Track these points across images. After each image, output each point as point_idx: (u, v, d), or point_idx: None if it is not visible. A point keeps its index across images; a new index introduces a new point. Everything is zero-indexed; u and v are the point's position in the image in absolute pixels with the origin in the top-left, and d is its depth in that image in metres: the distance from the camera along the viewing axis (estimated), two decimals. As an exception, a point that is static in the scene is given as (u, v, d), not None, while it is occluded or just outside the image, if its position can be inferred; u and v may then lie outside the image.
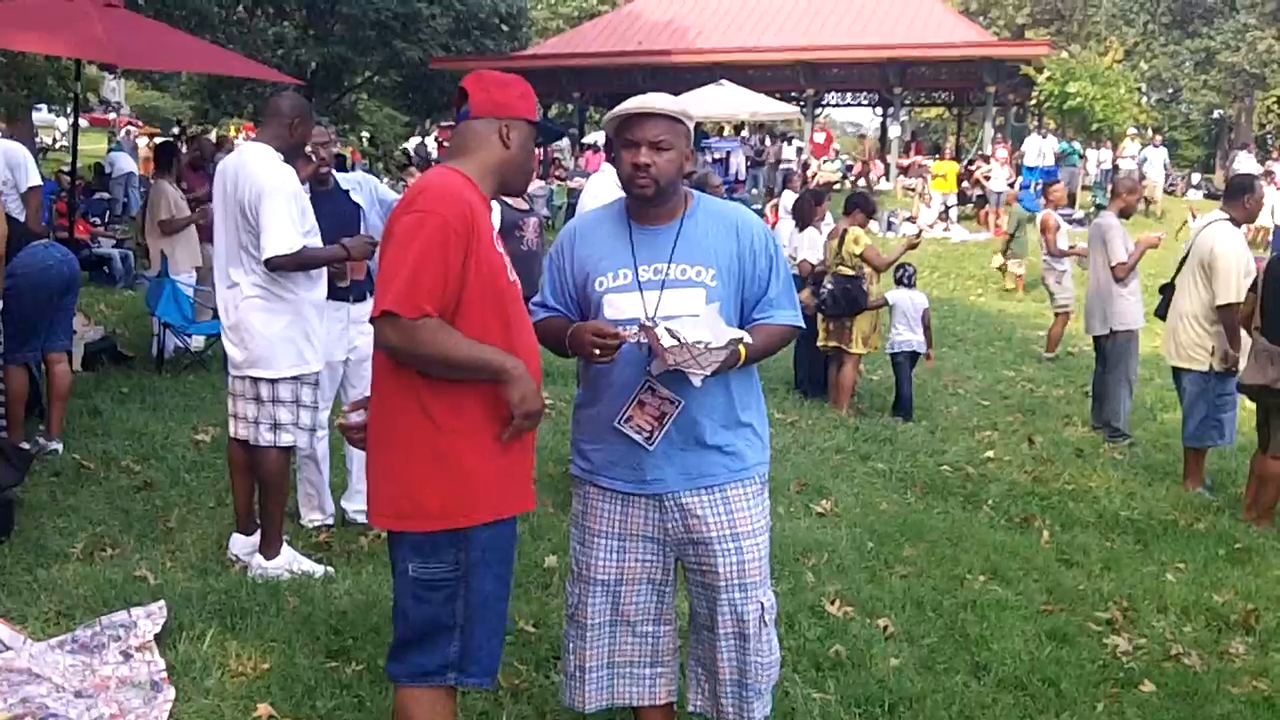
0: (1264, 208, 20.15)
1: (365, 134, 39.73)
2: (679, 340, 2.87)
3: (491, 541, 2.88)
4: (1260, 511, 6.73)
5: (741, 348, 3.01)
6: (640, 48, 30.66)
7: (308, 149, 5.11)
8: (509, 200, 5.69)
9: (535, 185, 16.46)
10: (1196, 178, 36.74)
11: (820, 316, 8.91)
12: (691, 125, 3.15)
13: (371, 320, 2.72)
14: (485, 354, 2.77)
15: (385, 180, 14.76)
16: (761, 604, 3.23)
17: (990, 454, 7.88)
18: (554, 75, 31.29)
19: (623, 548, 3.22)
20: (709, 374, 2.95)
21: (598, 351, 2.96)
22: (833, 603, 4.87)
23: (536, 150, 3.90)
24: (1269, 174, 25.06)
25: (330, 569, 4.96)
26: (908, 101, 35.85)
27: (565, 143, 27.25)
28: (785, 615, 4.56)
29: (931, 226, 22.92)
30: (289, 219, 4.65)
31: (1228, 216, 7.30)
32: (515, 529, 3.02)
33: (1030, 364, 11.87)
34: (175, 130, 23.60)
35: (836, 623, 4.69)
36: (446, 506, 2.80)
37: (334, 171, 5.48)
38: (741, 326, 3.15)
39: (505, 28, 34.11)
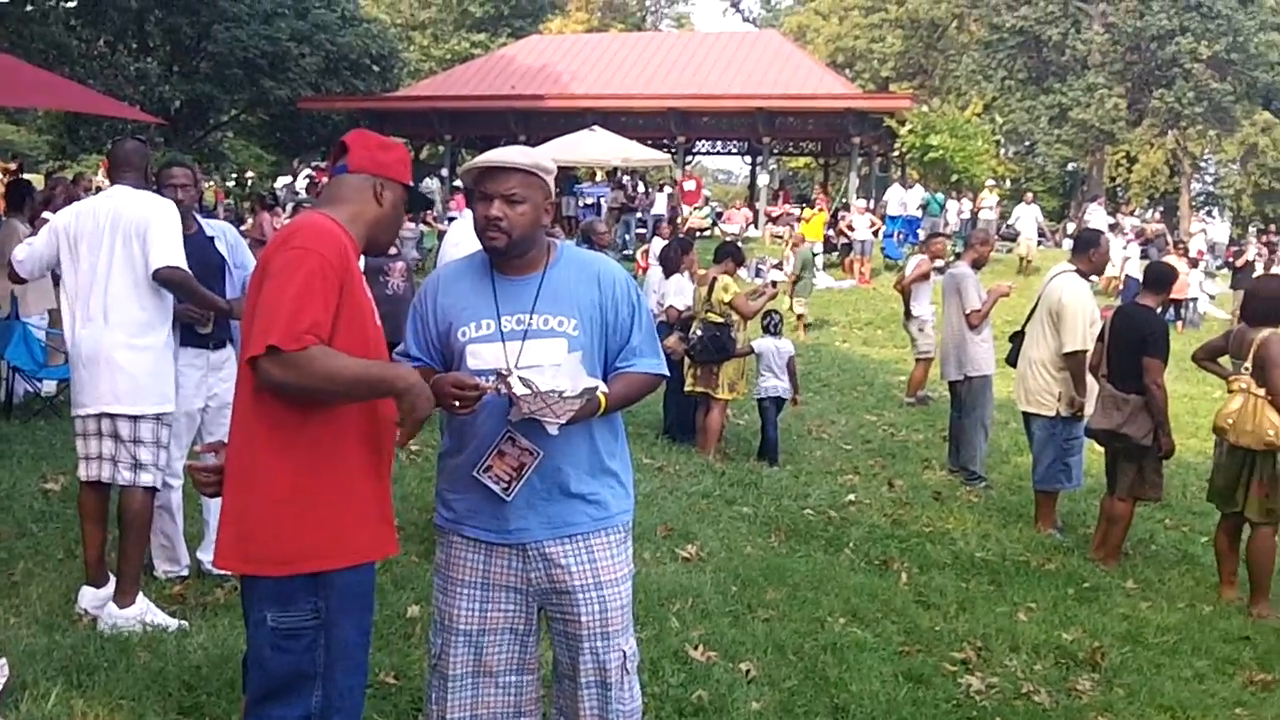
0: (1113, 259, 21.12)
1: (231, 173, 39.08)
2: (532, 389, 2.91)
3: (352, 587, 2.87)
4: (1108, 551, 7.00)
5: (601, 396, 3.06)
6: (513, 92, 30.78)
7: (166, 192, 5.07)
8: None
9: (405, 228, 16.34)
10: (1073, 227, 38.00)
11: (689, 362, 9.02)
12: (549, 178, 3.19)
13: (251, 359, 2.70)
14: (373, 370, 2.81)
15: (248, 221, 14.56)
16: (624, 652, 3.25)
17: (852, 497, 8.05)
18: (426, 117, 31.26)
19: (486, 597, 3.22)
20: (564, 422, 2.99)
21: (458, 404, 2.98)
22: (696, 648, 4.92)
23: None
24: (1117, 225, 26.12)
25: (185, 622, 4.84)
26: (776, 150, 36.58)
27: (436, 184, 27.11)
28: (649, 661, 4.59)
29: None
30: (178, 238, 4.70)
31: (1075, 268, 7.61)
32: (374, 574, 3.01)
33: (892, 409, 12.16)
34: (13, 166, 22.79)
35: (699, 668, 4.73)
36: (304, 550, 2.78)
37: (198, 216, 5.41)
38: (605, 375, 3.19)
39: (376, 68, 33.96)
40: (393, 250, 6.32)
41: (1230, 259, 28.67)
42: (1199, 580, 6.88)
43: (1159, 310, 7.23)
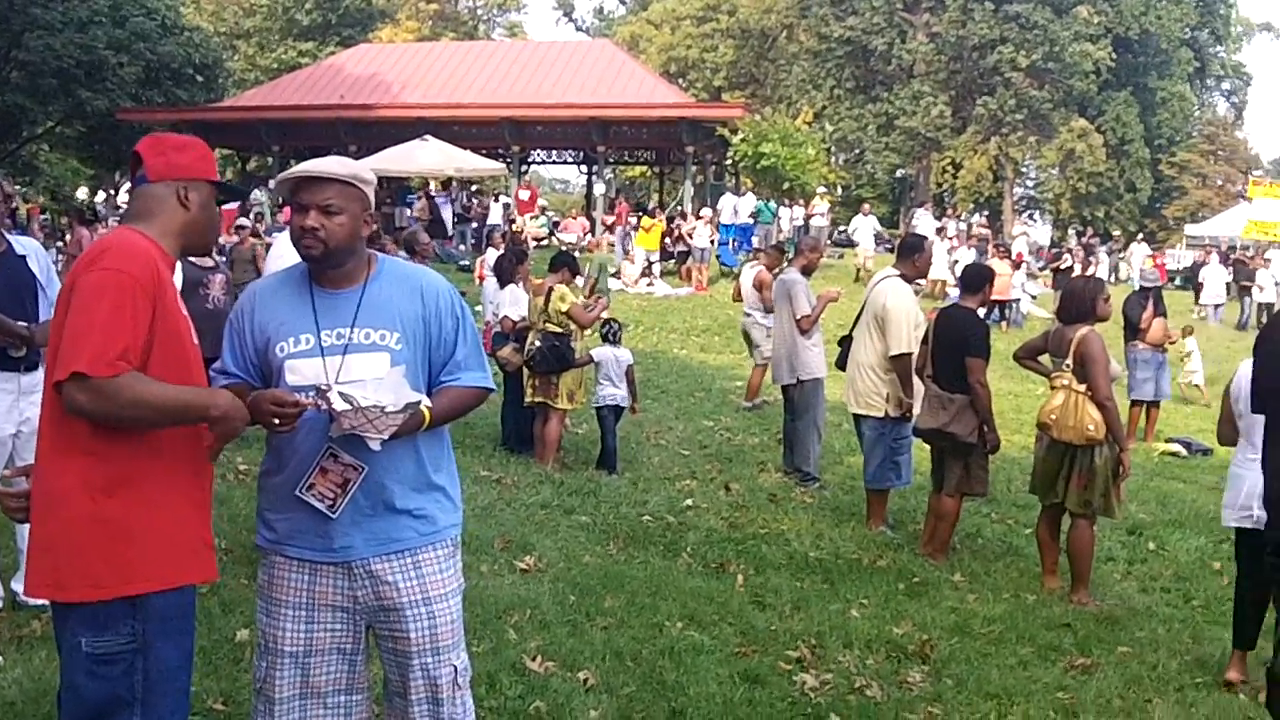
0: (940, 262, 21.79)
1: (46, 188, 37.54)
2: (353, 404, 2.85)
3: (169, 609, 2.77)
4: (936, 546, 7.21)
5: (425, 410, 3.02)
6: (343, 101, 30.29)
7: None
8: (193, 258, 5.49)
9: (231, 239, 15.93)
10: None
11: (528, 373, 8.99)
12: (369, 189, 3.14)
13: (57, 384, 2.60)
14: (185, 396, 2.73)
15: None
16: (455, 667, 3.21)
17: (689, 503, 8.12)
18: (253, 128, 30.54)
19: (311, 618, 3.15)
20: (386, 437, 2.95)
21: (277, 421, 2.91)
22: (534, 659, 4.89)
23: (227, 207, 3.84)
24: (943, 230, 26.96)
25: (-1, 656, 4.63)
26: (612, 160, 36.77)
27: (265, 196, 26.49)
28: (486, 675, 4.56)
29: (636, 282, 23.52)
30: None
31: (899, 273, 7.82)
32: (194, 596, 2.92)
33: (729, 414, 12.32)
34: None
35: (537, 679, 4.71)
36: (117, 573, 2.68)
37: (8, 234, 5.16)
38: (429, 389, 3.16)
39: (200, 78, 33.07)
40: (210, 263, 6.14)
41: (1050, 261, 29.89)
42: (1023, 571, 7.13)
43: (981, 311, 7.48)
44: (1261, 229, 35.43)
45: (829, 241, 27.15)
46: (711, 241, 24.80)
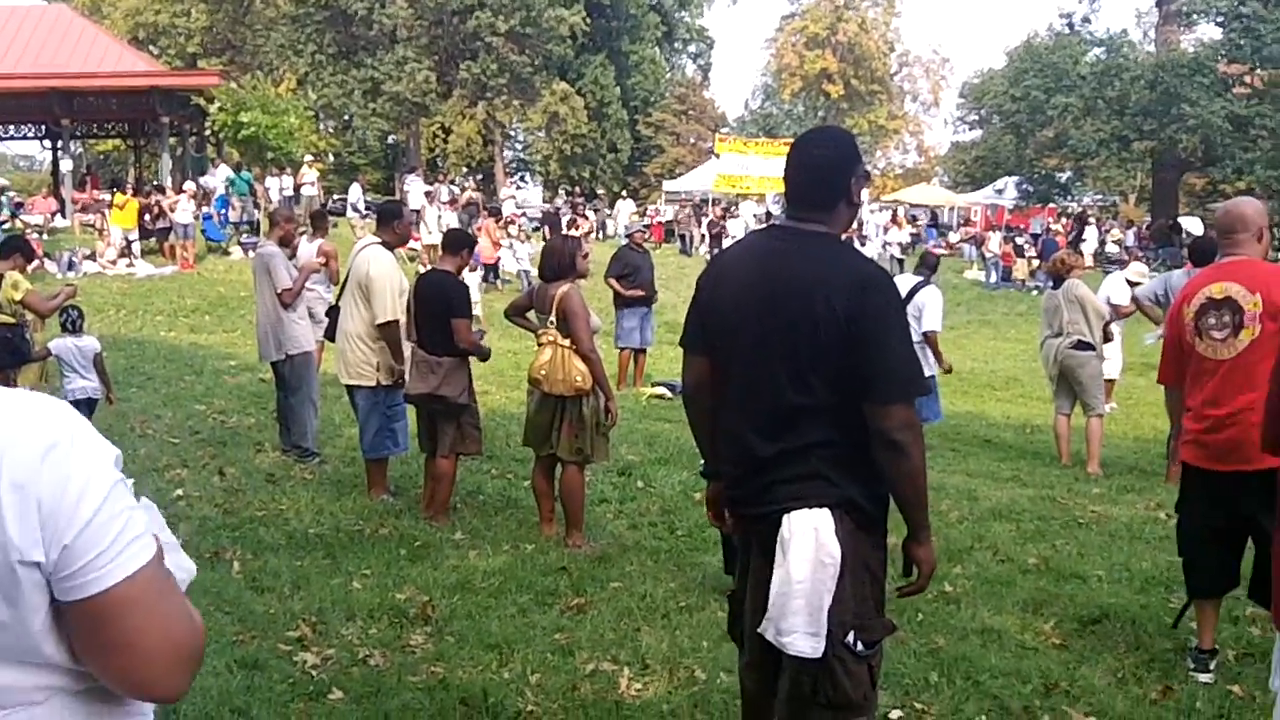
0: (431, 228, 22.02)
1: None
2: None
3: None
4: (437, 508, 7.29)
5: None
6: None
7: None
8: None
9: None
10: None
11: (-17, 370, 8.19)
12: None
13: None
14: None
15: None
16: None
17: (180, 492, 7.72)
18: None
19: None
20: None
21: None
22: None
23: None
24: (432, 195, 27.22)
25: None
26: (80, 134, 34.09)
27: None
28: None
29: (114, 263, 22.05)
30: None
31: (380, 240, 7.80)
32: None
33: (223, 396, 11.82)
34: None
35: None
36: None
37: None
38: None
39: None
40: None
41: (541, 221, 31.08)
42: (521, 522, 7.37)
43: (477, 274, 7.61)
44: (729, 182, 38.70)
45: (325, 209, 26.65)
46: (196, 217, 23.65)
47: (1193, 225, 34.30)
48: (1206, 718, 4.62)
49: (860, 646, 3.11)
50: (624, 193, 45.08)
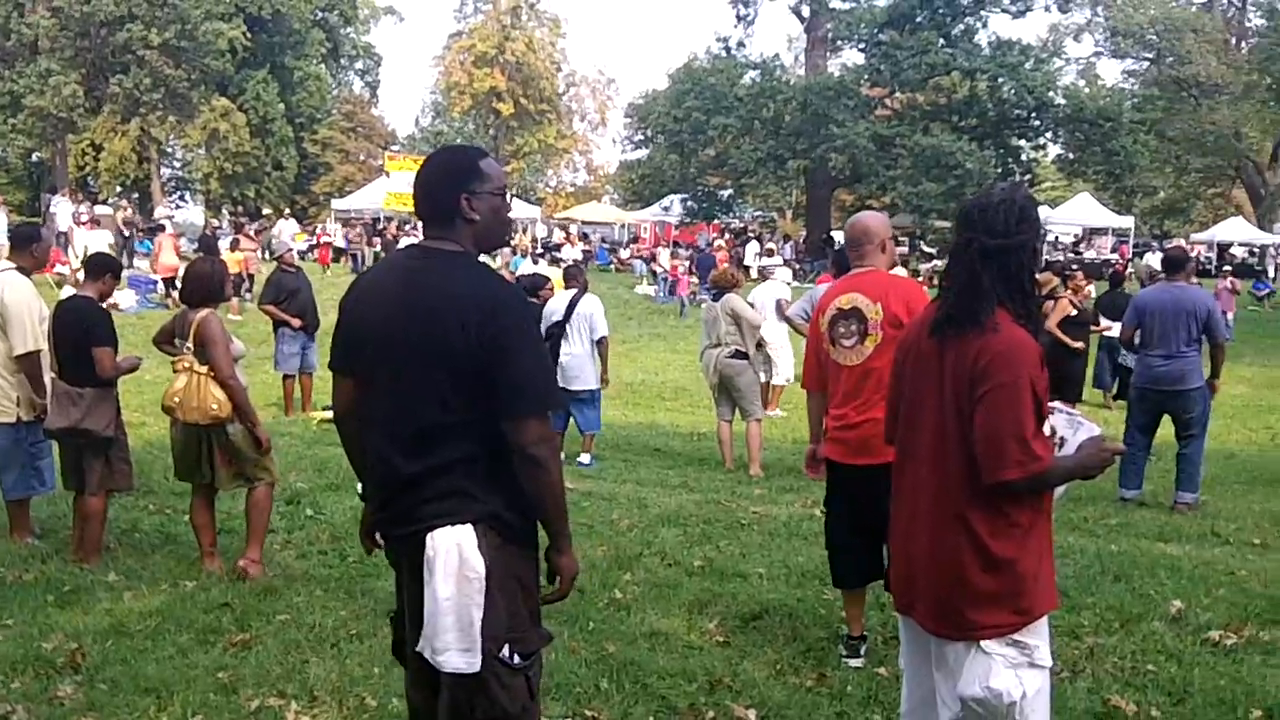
0: (81, 250, 20.80)
1: None
2: None
3: None
4: (88, 550, 6.87)
5: None
6: None
7: None
8: None
9: None
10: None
11: None
12: None
13: None
14: None
15: None
16: None
17: None
18: None
19: None
20: None
21: None
22: None
23: None
24: (78, 215, 25.68)
25: None
26: None
27: None
28: None
29: None
30: None
31: (16, 266, 7.28)
32: None
33: None
34: None
35: None
36: None
37: None
38: None
39: None
40: None
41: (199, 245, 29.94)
42: (181, 559, 7.04)
43: (105, 299, 7.22)
44: (400, 200, 38.42)
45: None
46: None
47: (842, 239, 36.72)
48: (856, 700, 4.97)
49: (516, 659, 3.17)
50: (287, 211, 43.79)
